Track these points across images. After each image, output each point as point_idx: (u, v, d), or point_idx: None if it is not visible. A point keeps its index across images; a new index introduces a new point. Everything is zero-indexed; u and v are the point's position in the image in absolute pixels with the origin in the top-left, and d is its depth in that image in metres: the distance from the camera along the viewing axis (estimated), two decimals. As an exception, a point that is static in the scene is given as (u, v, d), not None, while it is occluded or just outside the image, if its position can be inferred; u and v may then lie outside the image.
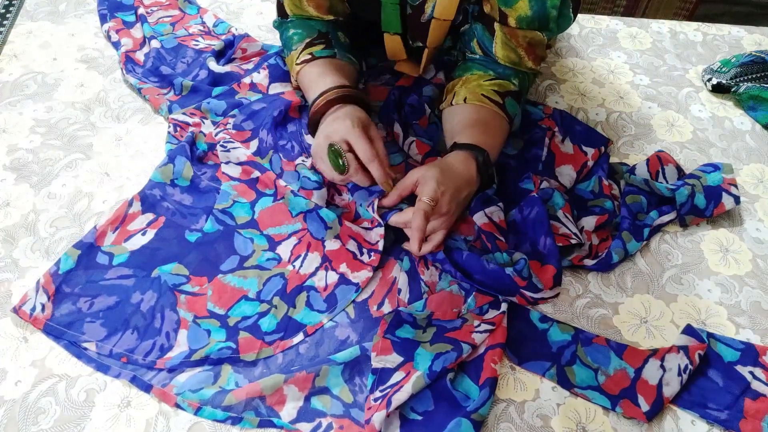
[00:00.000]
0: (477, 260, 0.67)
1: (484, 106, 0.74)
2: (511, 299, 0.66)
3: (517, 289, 0.66)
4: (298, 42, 0.80)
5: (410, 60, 0.86)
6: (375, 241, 0.70)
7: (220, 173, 0.77)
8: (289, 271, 0.69)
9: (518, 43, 0.73)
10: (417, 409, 0.59)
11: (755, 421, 0.59)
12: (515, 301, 0.67)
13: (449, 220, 0.68)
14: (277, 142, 0.80)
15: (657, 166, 0.80)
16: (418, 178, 0.66)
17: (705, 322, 0.68)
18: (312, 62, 0.78)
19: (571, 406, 0.61)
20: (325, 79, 0.75)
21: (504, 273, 0.65)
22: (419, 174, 0.67)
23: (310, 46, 0.79)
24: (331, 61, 0.78)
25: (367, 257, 0.69)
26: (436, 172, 0.66)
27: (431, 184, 0.65)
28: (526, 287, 0.66)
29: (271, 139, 0.79)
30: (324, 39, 0.79)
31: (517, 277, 0.65)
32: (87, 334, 0.63)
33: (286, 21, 0.83)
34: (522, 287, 0.65)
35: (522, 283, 0.65)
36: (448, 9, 0.74)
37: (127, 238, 0.70)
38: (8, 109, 0.84)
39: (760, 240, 0.76)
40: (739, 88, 0.90)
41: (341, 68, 0.78)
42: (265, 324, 0.65)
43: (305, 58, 0.78)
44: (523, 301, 0.67)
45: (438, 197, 0.65)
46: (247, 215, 0.73)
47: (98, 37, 0.96)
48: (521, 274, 0.65)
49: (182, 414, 0.59)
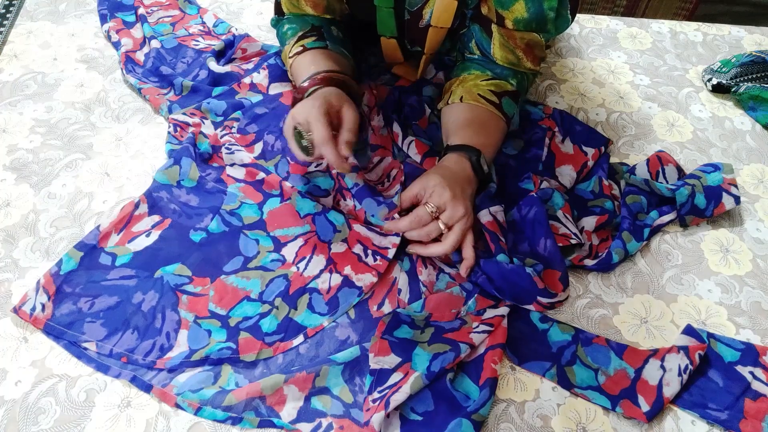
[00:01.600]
0: (493, 265, 0.66)
1: (480, 106, 0.74)
2: (528, 307, 0.66)
3: (535, 294, 0.65)
4: (291, 36, 0.80)
5: (408, 63, 0.86)
6: (384, 246, 0.70)
7: (225, 175, 0.77)
8: (292, 273, 0.69)
9: (516, 44, 0.73)
10: (417, 409, 0.59)
11: (755, 422, 0.59)
12: (532, 309, 0.67)
13: (470, 219, 0.67)
14: (286, 145, 0.79)
15: (657, 166, 0.80)
16: (419, 191, 0.67)
17: (705, 323, 0.68)
18: (303, 53, 0.78)
19: (572, 407, 0.61)
20: (315, 66, 0.75)
21: (524, 272, 0.64)
22: (420, 186, 0.67)
23: (302, 39, 0.79)
24: (322, 51, 0.78)
25: (372, 260, 0.69)
26: (438, 179, 0.66)
27: (437, 191, 0.65)
28: (542, 292, 0.65)
29: (280, 143, 0.79)
30: (316, 32, 0.79)
31: (536, 278, 0.65)
32: (87, 334, 0.63)
33: (282, 18, 0.83)
34: (540, 290, 0.65)
35: (542, 285, 0.65)
36: (445, 17, 0.74)
37: (131, 239, 0.70)
38: (8, 109, 0.84)
39: (760, 240, 0.76)
40: (739, 88, 0.90)
41: (332, 57, 0.78)
42: (265, 325, 0.64)
43: (297, 50, 0.78)
44: (540, 308, 0.67)
45: (446, 202, 0.65)
46: (256, 215, 0.73)
47: (98, 37, 0.96)
48: (540, 276, 0.65)
49: (182, 414, 0.59)
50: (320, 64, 0.75)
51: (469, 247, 0.66)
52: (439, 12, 0.73)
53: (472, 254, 0.66)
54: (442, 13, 0.73)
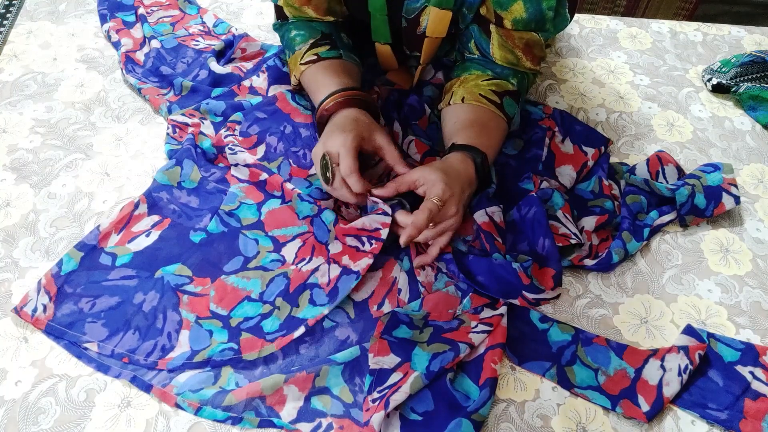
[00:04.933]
0: (482, 261, 0.66)
1: (482, 106, 0.74)
2: (513, 301, 0.66)
3: (520, 288, 0.66)
4: (301, 42, 0.79)
5: (403, 69, 0.86)
6: (373, 228, 0.69)
7: (230, 175, 0.76)
8: (292, 271, 0.69)
9: (515, 44, 0.73)
10: (417, 409, 0.59)
11: (755, 422, 0.59)
12: (517, 303, 0.67)
13: (458, 221, 0.67)
14: (289, 148, 0.79)
15: (657, 166, 0.80)
16: (419, 178, 0.66)
17: (705, 322, 0.68)
18: (318, 63, 0.77)
19: (571, 406, 0.61)
20: (333, 80, 0.75)
21: (511, 267, 0.65)
22: (420, 174, 0.66)
23: (315, 47, 0.78)
24: (337, 62, 0.78)
25: (368, 245, 0.69)
26: (441, 174, 0.65)
27: (439, 186, 0.64)
28: (528, 287, 0.66)
29: (282, 145, 0.79)
30: (329, 40, 0.79)
31: (522, 273, 0.65)
32: (88, 335, 0.63)
33: (287, 23, 0.82)
34: (525, 285, 0.65)
35: (527, 280, 0.65)
36: (440, 28, 0.74)
37: (131, 240, 0.70)
38: (8, 109, 0.84)
39: (760, 240, 0.76)
40: (739, 88, 0.90)
41: (347, 69, 0.78)
42: (267, 326, 0.64)
43: (310, 58, 0.78)
44: (525, 302, 0.67)
45: (446, 199, 0.64)
46: (254, 217, 0.73)
47: (98, 37, 0.96)
48: (527, 272, 0.65)
49: (182, 414, 0.59)
50: (340, 78, 0.75)
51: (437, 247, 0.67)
52: (434, 24, 0.73)
53: (435, 254, 0.67)
54: (437, 24, 0.73)
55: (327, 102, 0.73)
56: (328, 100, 0.73)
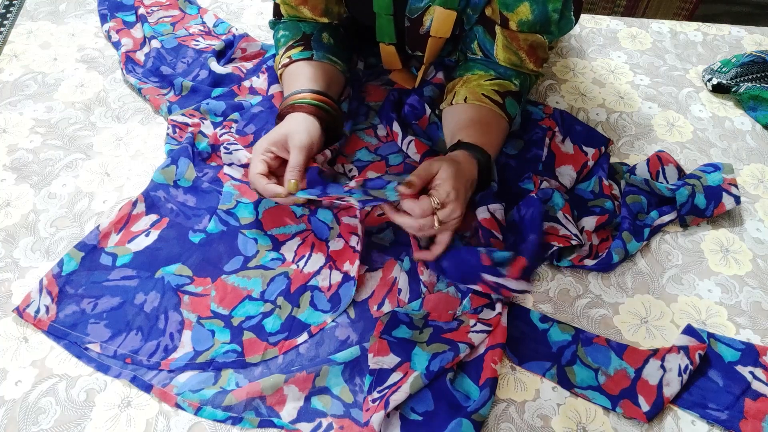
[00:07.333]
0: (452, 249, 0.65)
1: (484, 106, 0.74)
2: (473, 287, 0.64)
3: (479, 270, 0.62)
4: (282, 45, 0.81)
5: (406, 70, 0.86)
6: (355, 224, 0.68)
7: (222, 174, 0.77)
8: (292, 270, 0.69)
9: (519, 45, 0.73)
10: (417, 409, 0.59)
11: (755, 422, 0.59)
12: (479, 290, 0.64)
13: (460, 221, 0.66)
14: None
15: (657, 166, 0.80)
16: (439, 170, 0.64)
17: (705, 322, 0.68)
18: (289, 65, 0.79)
19: (572, 406, 0.61)
20: (295, 83, 0.76)
21: (474, 250, 0.63)
22: (439, 166, 0.64)
23: (290, 49, 0.79)
24: (306, 63, 0.78)
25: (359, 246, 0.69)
26: (451, 173, 0.64)
27: (446, 187, 0.63)
28: (488, 269, 0.62)
29: None
30: (303, 41, 0.79)
31: (484, 255, 0.62)
32: (91, 336, 0.63)
33: (279, 22, 0.83)
34: (485, 266, 0.62)
35: (487, 262, 0.62)
36: (444, 28, 0.74)
37: (131, 239, 0.70)
38: (8, 109, 0.84)
39: (760, 240, 0.76)
40: (739, 88, 0.90)
41: (316, 69, 0.77)
42: (269, 324, 0.65)
43: (285, 61, 0.79)
44: (487, 288, 0.63)
45: (452, 200, 0.63)
46: (251, 216, 0.73)
47: (98, 37, 0.96)
48: (491, 255, 0.62)
49: (182, 414, 0.59)
50: (301, 81, 0.76)
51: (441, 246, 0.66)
52: (439, 23, 0.73)
53: (439, 252, 0.66)
54: (441, 24, 0.73)
55: (281, 105, 0.74)
56: (282, 103, 0.74)
